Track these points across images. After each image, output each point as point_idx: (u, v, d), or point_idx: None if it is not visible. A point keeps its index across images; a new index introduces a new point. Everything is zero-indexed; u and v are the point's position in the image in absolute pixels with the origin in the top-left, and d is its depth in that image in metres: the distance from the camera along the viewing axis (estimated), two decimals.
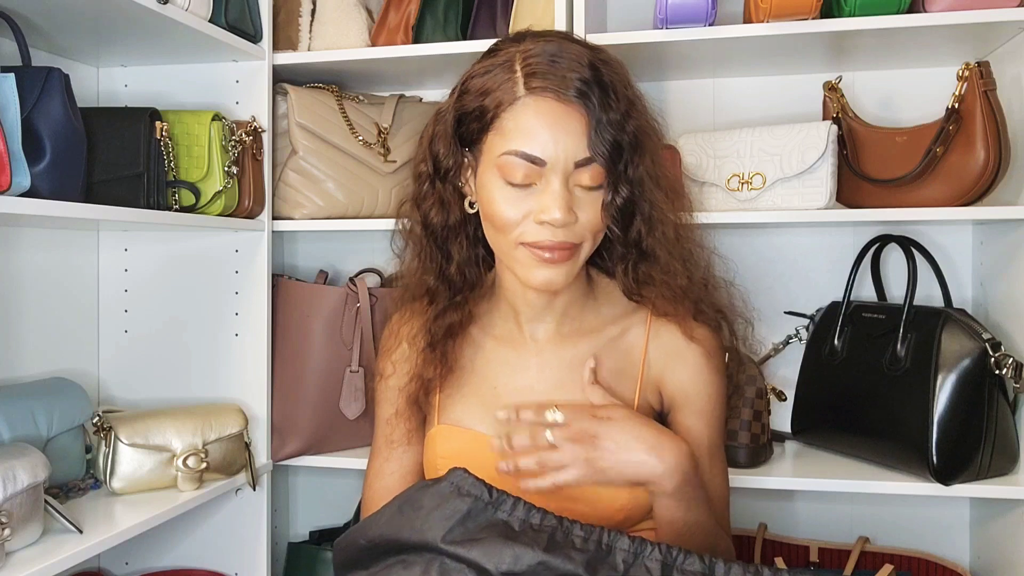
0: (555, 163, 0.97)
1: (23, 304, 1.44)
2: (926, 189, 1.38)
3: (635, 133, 1.00)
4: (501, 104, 0.99)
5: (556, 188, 0.97)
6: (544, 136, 0.96)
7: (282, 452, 1.57)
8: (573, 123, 0.97)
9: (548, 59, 0.98)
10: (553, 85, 0.97)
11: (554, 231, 0.98)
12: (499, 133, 0.99)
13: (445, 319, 1.11)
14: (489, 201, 1.01)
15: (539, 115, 0.97)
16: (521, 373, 1.11)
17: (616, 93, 0.99)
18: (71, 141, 1.12)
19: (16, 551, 1.07)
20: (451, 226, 1.09)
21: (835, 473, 1.39)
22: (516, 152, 0.97)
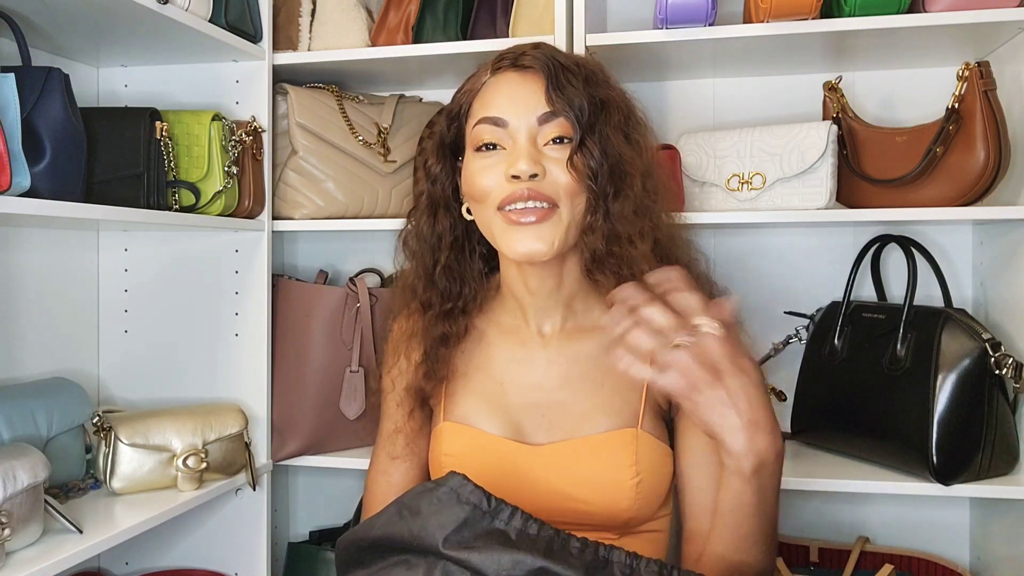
0: (517, 122, 1.02)
1: (23, 304, 1.44)
2: (926, 189, 1.38)
3: (600, 96, 1.04)
4: (472, 91, 1.07)
5: (521, 143, 1.02)
6: (503, 100, 1.04)
7: (282, 452, 1.56)
8: (531, 84, 1.03)
9: (512, 49, 1.07)
10: (511, 59, 1.05)
11: (523, 183, 1.00)
12: (471, 117, 1.07)
13: (438, 328, 1.12)
14: (469, 181, 1.06)
15: (499, 85, 1.05)
16: (528, 370, 1.11)
17: (578, 65, 1.05)
18: (71, 141, 1.12)
19: (16, 551, 1.07)
20: (439, 232, 1.12)
21: (835, 473, 1.39)
22: (480, 118, 1.04)
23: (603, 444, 1.05)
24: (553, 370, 1.10)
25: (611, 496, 1.03)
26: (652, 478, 1.04)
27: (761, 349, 1.64)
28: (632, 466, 1.03)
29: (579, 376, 1.09)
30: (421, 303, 1.14)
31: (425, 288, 1.13)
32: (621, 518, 1.04)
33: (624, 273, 1.04)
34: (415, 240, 1.14)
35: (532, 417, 1.08)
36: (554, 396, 1.09)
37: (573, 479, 1.04)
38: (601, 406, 1.07)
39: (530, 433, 1.08)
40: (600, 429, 1.05)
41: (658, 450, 1.06)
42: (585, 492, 1.04)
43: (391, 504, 0.90)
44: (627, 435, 1.05)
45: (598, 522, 1.05)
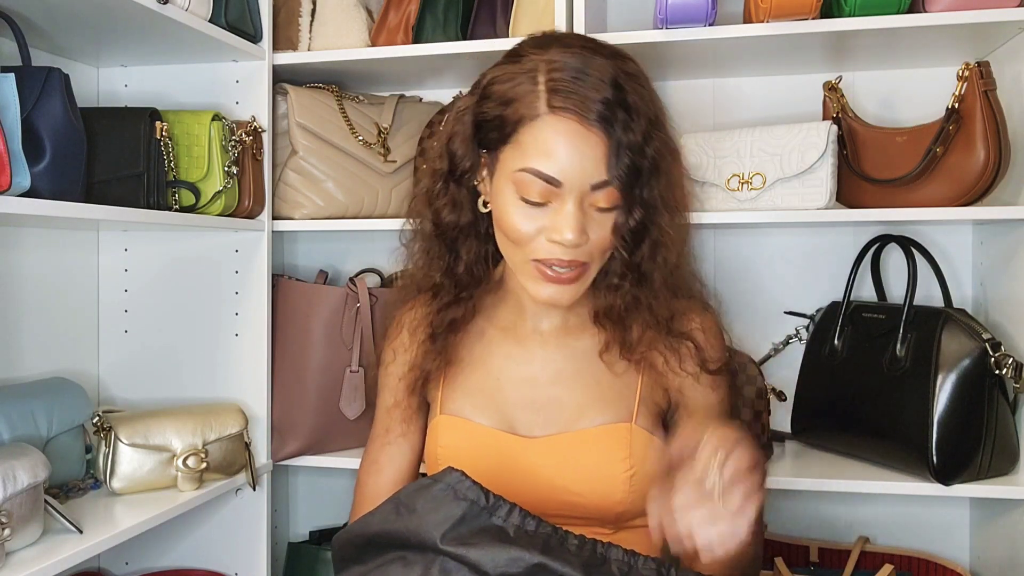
0: (571, 185, 0.96)
1: (23, 304, 1.44)
2: (926, 189, 1.38)
3: (654, 156, 1.00)
4: (522, 119, 0.97)
5: (571, 209, 0.97)
6: (562, 157, 0.96)
7: (282, 452, 1.57)
8: (592, 146, 0.96)
9: (572, 76, 0.96)
10: (575, 106, 0.95)
11: (565, 250, 0.98)
12: (518, 147, 0.98)
13: (448, 313, 1.12)
14: (504, 213, 1.01)
15: (558, 135, 0.96)
16: (525, 365, 1.11)
17: (639, 113, 0.98)
18: (71, 141, 1.12)
19: (16, 551, 1.07)
20: (462, 226, 1.09)
21: (835, 473, 1.39)
22: (533, 171, 0.97)
23: (597, 438, 1.06)
24: (549, 366, 1.11)
25: (604, 489, 1.04)
26: (645, 472, 1.05)
27: (761, 349, 1.64)
28: (626, 460, 1.04)
29: (574, 372, 1.10)
30: (433, 288, 1.13)
31: (441, 276, 1.12)
32: (614, 511, 1.05)
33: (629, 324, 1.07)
34: (433, 228, 1.11)
35: (527, 411, 1.09)
36: (549, 391, 1.09)
37: (567, 472, 1.05)
38: (596, 401, 1.08)
39: (525, 427, 1.08)
40: (594, 423, 1.07)
41: (652, 445, 1.07)
42: (579, 485, 1.05)
43: (387, 501, 0.90)
44: (621, 429, 1.06)
45: (592, 515, 1.06)
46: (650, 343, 1.08)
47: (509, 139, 0.99)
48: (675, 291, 1.09)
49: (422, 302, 1.16)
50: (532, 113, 0.97)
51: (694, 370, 1.09)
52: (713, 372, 1.10)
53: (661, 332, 1.08)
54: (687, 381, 1.10)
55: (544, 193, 0.97)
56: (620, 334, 1.08)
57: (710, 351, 1.11)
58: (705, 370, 1.09)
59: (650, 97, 1.01)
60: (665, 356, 1.08)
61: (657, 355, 1.09)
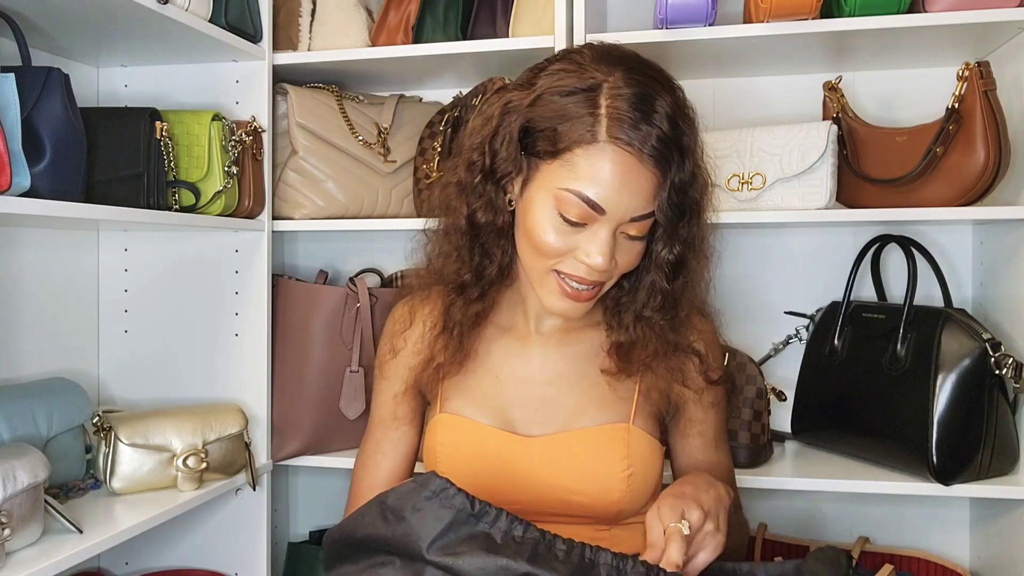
0: (613, 214, 0.97)
1: (23, 304, 1.44)
2: (926, 189, 1.38)
3: (697, 196, 1.02)
4: (580, 141, 0.96)
5: (604, 235, 0.98)
6: (613, 189, 0.95)
7: (282, 452, 1.57)
8: (645, 182, 0.96)
9: (635, 107, 0.95)
10: (636, 140, 0.94)
11: (590, 271, 1.00)
12: (568, 165, 0.97)
13: (472, 308, 1.11)
14: (536, 224, 1.00)
15: (615, 166, 0.95)
16: (524, 363, 1.12)
17: (690, 153, 0.99)
18: (71, 141, 1.11)
19: (16, 551, 1.07)
20: (499, 228, 1.07)
21: (835, 473, 1.39)
22: (580, 194, 0.96)
23: (595, 437, 1.06)
24: (548, 366, 1.11)
25: (602, 488, 1.04)
26: (643, 472, 1.06)
27: (761, 349, 1.65)
28: (624, 459, 1.04)
29: (573, 372, 1.10)
30: (459, 284, 1.11)
31: (468, 272, 1.10)
32: (611, 510, 1.06)
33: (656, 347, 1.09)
34: (469, 221, 1.08)
35: (526, 410, 1.09)
36: (548, 390, 1.10)
37: (565, 471, 1.06)
38: (594, 401, 1.08)
39: (524, 426, 1.09)
40: (592, 423, 1.07)
41: (650, 445, 1.08)
42: (577, 483, 1.05)
43: (374, 502, 0.90)
44: (619, 429, 1.06)
45: (589, 513, 1.06)
46: (657, 363, 1.09)
47: (560, 155, 0.97)
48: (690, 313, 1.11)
49: (438, 295, 1.15)
50: (590, 138, 0.95)
51: (699, 386, 1.10)
52: (715, 382, 1.11)
53: (668, 352, 1.09)
54: (690, 395, 1.11)
55: (584, 215, 0.97)
56: (629, 363, 1.08)
57: (711, 360, 1.11)
58: (708, 381, 1.10)
59: (696, 133, 1.03)
60: (671, 373, 1.09)
61: (663, 371, 1.09)
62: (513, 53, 1.49)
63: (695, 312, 1.13)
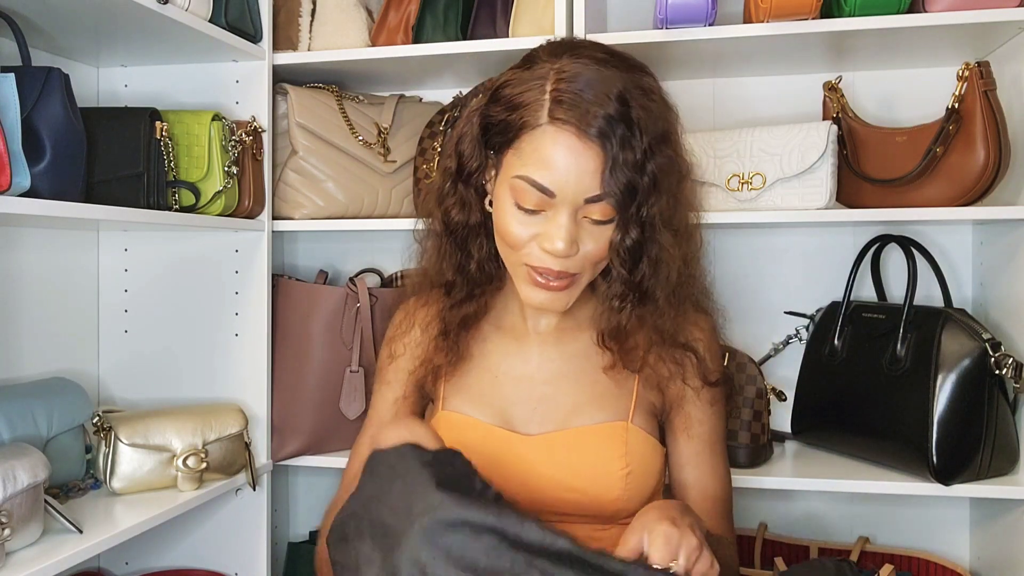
0: (564, 196, 0.97)
1: (23, 304, 1.44)
2: (926, 189, 1.38)
3: (655, 173, 0.99)
4: (525, 125, 0.98)
5: (563, 220, 0.97)
6: (558, 169, 0.96)
7: (282, 452, 1.57)
8: (589, 160, 0.96)
9: (578, 87, 0.96)
10: (575, 119, 0.95)
11: (556, 260, 0.99)
12: (517, 153, 0.99)
13: (461, 310, 1.12)
14: (500, 216, 1.02)
15: (556, 147, 0.96)
16: (522, 363, 1.12)
17: (641, 130, 0.97)
18: (71, 141, 1.12)
19: (16, 551, 1.07)
20: (472, 226, 1.09)
21: (835, 473, 1.39)
22: (528, 179, 0.97)
23: (594, 435, 1.06)
24: (547, 365, 1.12)
25: (601, 486, 1.05)
26: (642, 470, 1.06)
27: (761, 349, 1.65)
28: (622, 457, 1.05)
29: (572, 371, 1.11)
30: (447, 285, 1.13)
31: (453, 274, 1.12)
32: (610, 508, 1.06)
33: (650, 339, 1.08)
34: (443, 229, 1.12)
35: (525, 409, 1.10)
36: (547, 389, 1.10)
37: (564, 468, 1.06)
38: (593, 400, 1.09)
39: (523, 424, 1.09)
40: (591, 421, 1.08)
41: (648, 444, 1.08)
42: (575, 481, 1.05)
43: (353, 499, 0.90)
44: (618, 428, 1.07)
45: (588, 512, 1.07)
46: (656, 358, 1.09)
47: (511, 144, 1.00)
48: (681, 303, 1.09)
49: (435, 298, 1.17)
50: (534, 121, 0.97)
51: (697, 384, 1.10)
52: (714, 384, 1.11)
53: (666, 345, 1.09)
54: (688, 393, 1.11)
55: (538, 202, 0.98)
56: (624, 354, 1.08)
57: (711, 361, 1.11)
58: (707, 382, 1.10)
59: (661, 113, 1.01)
60: (669, 370, 1.09)
61: (661, 366, 1.09)
62: (513, 53, 1.48)
63: (692, 306, 1.13)
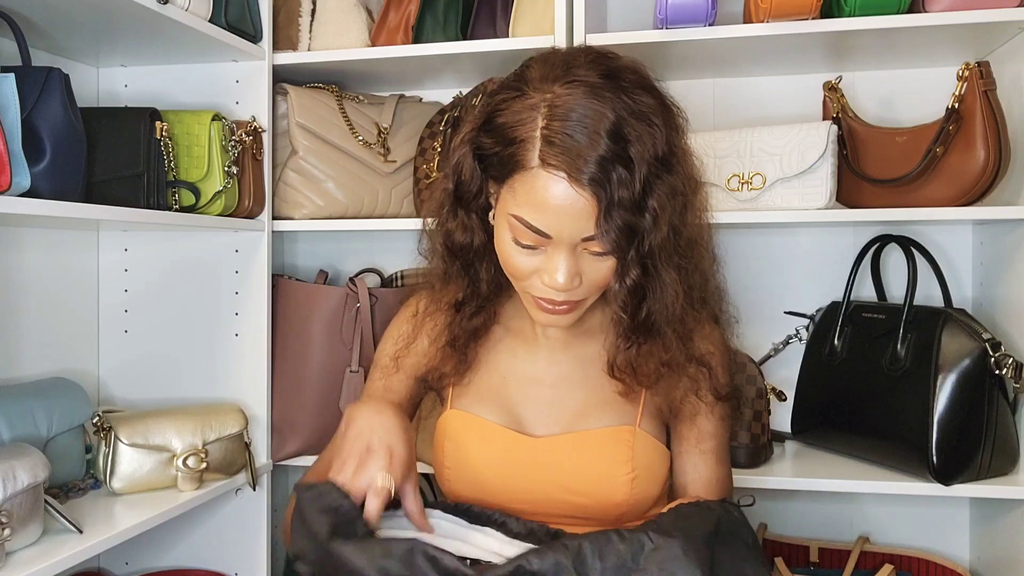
0: (560, 239, 0.95)
1: (23, 304, 1.44)
2: (926, 189, 1.38)
3: (655, 208, 0.95)
4: (517, 166, 0.95)
5: (562, 258, 0.96)
6: (551, 215, 0.93)
7: (282, 452, 1.57)
8: (582, 207, 0.92)
9: (569, 128, 0.91)
10: (566, 165, 0.91)
11: (558, 292, 0.98)
12: (511, 191, 0.96)
13: (472, 323, 1.12)
14: (501, 247, 1.01)
15: (548, 193, 0.92)
16: (530, 365, 1.12)
17: (637, 163, 0.93)
18: (71, 141, 1.11)
19: (16, 551, 1.07)
20: (476, 249, 1.07)
21: (835, 473, 1.39)
22: (523, 221, 0.95)
23: (600, 439, 1.06)
24: (554, 368, 1.12)
25: (606, 490, 1.04)
26: (647, 475, 1.06)
27: (761, 349, 1.64)
28: (628, 462, 1.04)
29: (580, 375, 1.10)
30: (455, 304, 1.12)
31: (461, 291, 1.11)
32: (615, 513, 1.06)
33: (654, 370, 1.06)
34: (446, 246, 1.10)
35: (533, 411, 1.10)
36: (555, 392, 1.10)
37: (569, 471, 1.06)
38: (600, 404, 1.08)
39: (531, 426, 1.09)
40: (598, 425, 1.07)
41: (655, 449, 1.08)
42: (581, 484, 1.05)
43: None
44: (624, 432, 1.06)
45: (592, 515, 1.06)
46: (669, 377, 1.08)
47: (506, 180, 0.97)
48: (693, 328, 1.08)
49: (443, 308, 1.15)
50: (526, 163, 0.94)
51: (709, 400, 1.09)
52: (724, 398, 1.10)
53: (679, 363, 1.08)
54: (699, 406, 1.10)
55: (535, 240, 0.97)
56: (637, 381, 1.07)
57: (722, 375, 1.11)
58: (717, 397, 1.09)
59: (662, 136, 0.96)
60: (684, 386, 1.08)
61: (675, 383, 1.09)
62: (513, 53, 1.48)
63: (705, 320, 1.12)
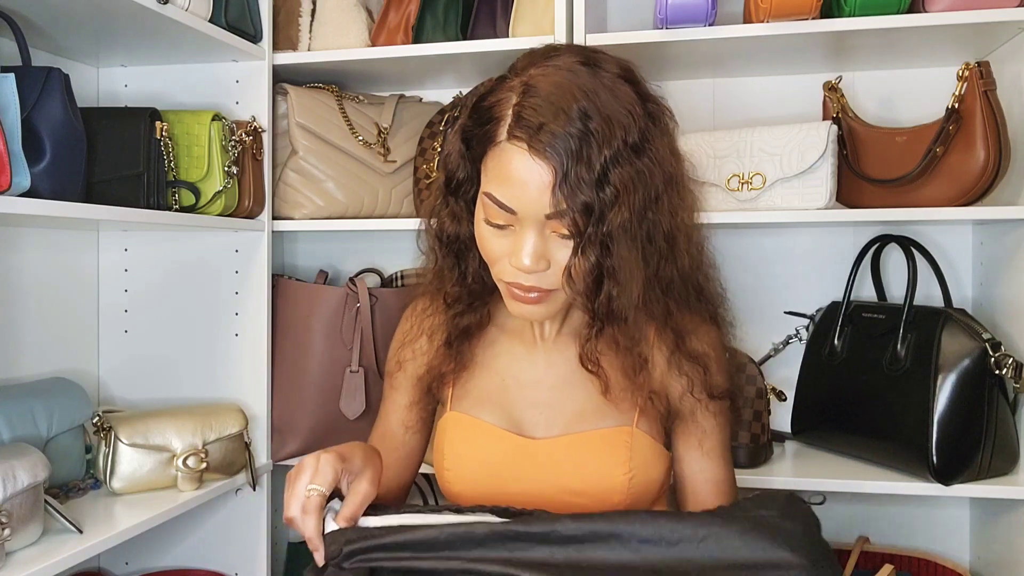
0: (525, 214, 0.95)
1: (23, 304, 1.44)
2: (926, 189, 1.38)
3: (616, 188, 0.94)
4: (490, 141, 0.97)
5: (527, 236, 0.96)
6: (513, 187, 0.94)
7: (282, 452, 1.57)
8: (540, 178, 0.93)
9: (538, 103, 0.93)
10: (527, 136, 0.92)
11: (526, 276, 0.98)
12: (485, 169, 0.99)
13: (463, 320, 1.12)
14: (477, 230, 1.02)
15: (511, 165, 0.94)
16: (529, 367, 1.12)
17: (600, 144, 0.93)
18: (71, 141, 1.12)
19: (16, 551, 1.07)
20: (463, 240, 1.08)
21: (835, 473, 1.39)
22: (491, 196, 0.97)
23: (598, 440, 1.06)
24: (552, 370, 1.12)
25: (604, 492, 1.05)
26: (645, 475, 1.06)
27: (761, 349, 1.65)
28: (626, 463, 1.05)
29: (578, 377, 1.10)
30: (447, 299, 1.13)
31: (453, 285, 1.12)
32: None
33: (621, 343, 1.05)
34: (437, 238, 1.12)
35: (531, 413, 1.10)
36: (553, 394, 1.10)
37: (568, 473, 1.06)
38: (598, 405, 1.08)
39: (529, 428, 1.09)
40: (596, 426, 1.07)
41: (653, 450, 1.08)
42: (579, 486, 1.05)
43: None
44: (622, 433, 1.06)
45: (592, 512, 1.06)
46: (664, 372, 1.08)
47: (482, 159, 0.99)
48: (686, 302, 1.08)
49: (441, 306, 1.17)
50: (496, 138, 0.96)
51: (703, 398, 1.09)
52: (718, 397, 1.10)
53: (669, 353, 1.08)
54: (697, 405, 1.10)
55: (503, 218, 0.97)
56: (617, 377, 1.07)
57: (716, 376, 1.11)
58: (711, 396, 1.10)
59: (635, 125, 0.96)
60: (681, 383, 1.09)
61: (674, 380, 1.09)
62: (513, 53, 1.47)
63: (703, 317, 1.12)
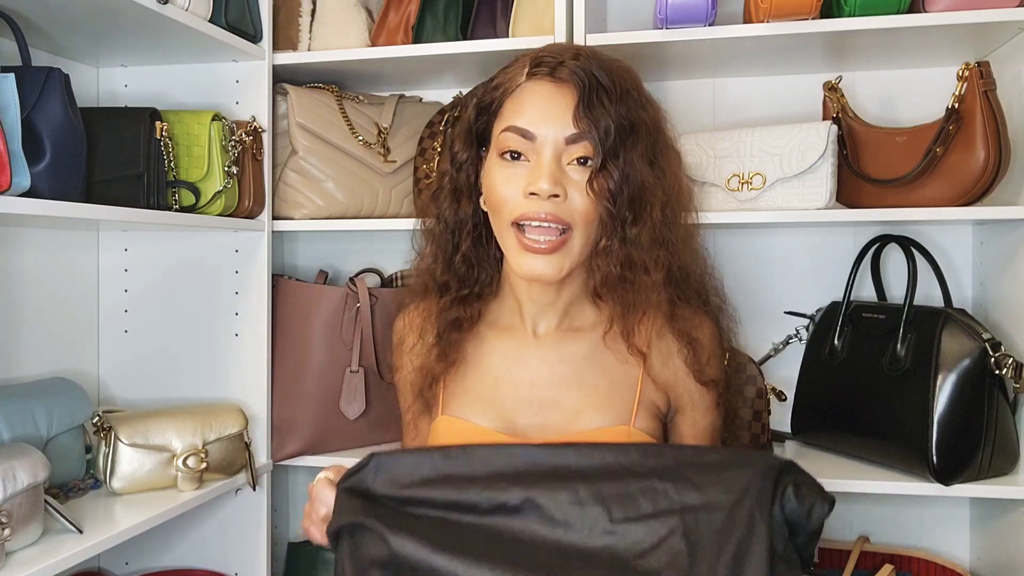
0: (544, 137, 1.02)
1: (23, 304, 1.44)
2: (926, 189, 1.38)
3: (630, 120, 1.04)
4: (506, 91, 1.06)
5: (545, 161, 1.01)
6: (534, 112, 1.03)
7: (282, 452, 1.57)
8: (563, 99, 1.02)
9: (555, 49, 1.06)
10: (549, 68, 1.04)
11: (542, 203, 1.00)
12: (501, 118, 1.06)
13: (452, 312, 1.13)
14: (490, 183, 1.06)
15: (532, 94, 1.04)
16: (522, 366, 1.12)
17: (614, 84, 1.04)
18: (71, 141, 1.12)
19: (16, 551, 1.07)
20: (461, 219, 1.12)
21: (835, 473, 1.39)
22: (510, 127, 1.04)
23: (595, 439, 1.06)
24: (546, 368, 1.11)
25: None
26: None
27: (761, 349, 1.64)
28: None
29: (572, 375, 1.10)
30: (439, 286, 1.15)
31: (443, 272, 1.15)
32: None
33: (630, 300, 1.07)
34: (436, 224, 1.15)
35: (526, 413, 1.10)
36: (547, 393, 1.10)
37: None
38: (594, 404, 1.08)
39: (524, 428, 1.09)
40: (592, 425, 1.07)
41: None
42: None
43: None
44: (619, 431, 1.06)
45: None
46: (656, 330, 1.09)
47: (496, 115, 1.07)
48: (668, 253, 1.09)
49: (432, 306, 1.17)
50: (514, 85, 1.06)
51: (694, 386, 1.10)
52: (705, 383, 1.11)
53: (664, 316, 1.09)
54: (684, 378, 1.11)
55: (520, 146, 1.03)
56: (622, 310, 1.08)
57: (704, 358, 1.11)
58: (699, 380, 1.10)
59: (633, 86, 1.08)
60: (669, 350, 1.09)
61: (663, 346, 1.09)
62: (513, 53, 1.47)
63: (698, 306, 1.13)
